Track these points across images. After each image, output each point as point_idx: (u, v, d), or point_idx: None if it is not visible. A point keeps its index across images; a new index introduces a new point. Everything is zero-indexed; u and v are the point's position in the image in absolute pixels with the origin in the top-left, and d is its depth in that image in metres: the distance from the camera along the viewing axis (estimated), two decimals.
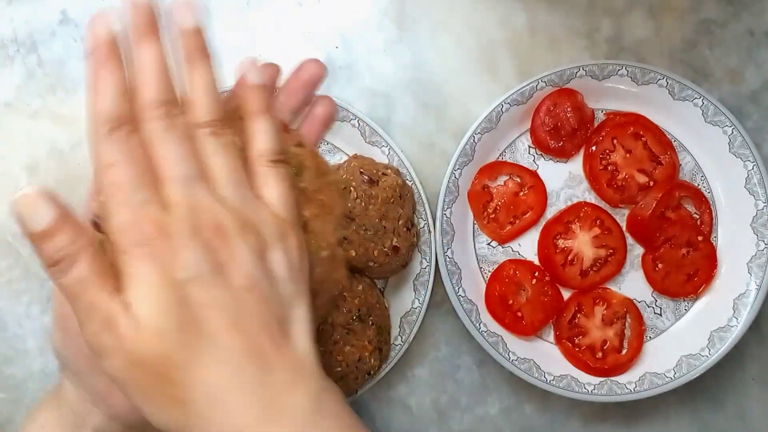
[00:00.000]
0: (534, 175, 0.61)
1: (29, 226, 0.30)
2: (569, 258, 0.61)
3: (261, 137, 0.34)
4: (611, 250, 0.61)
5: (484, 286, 0.61)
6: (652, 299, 0.61)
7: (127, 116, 0.31)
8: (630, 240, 0.62)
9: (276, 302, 0.32)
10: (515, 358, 0.59)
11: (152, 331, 0.29)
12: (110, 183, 0.30)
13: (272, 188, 0.33)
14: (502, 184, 0.62)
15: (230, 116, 0.36)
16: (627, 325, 0.61)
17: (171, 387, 0.30)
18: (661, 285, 0.61)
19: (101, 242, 0.31)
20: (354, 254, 0.56)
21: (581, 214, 0.61)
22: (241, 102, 0.35)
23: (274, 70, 0.39)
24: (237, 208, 0.32)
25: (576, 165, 0.62)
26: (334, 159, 0.61)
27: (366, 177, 0.56)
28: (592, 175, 0.61)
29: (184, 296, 0.30)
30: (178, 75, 0.33)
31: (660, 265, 0.61)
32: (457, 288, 0.59)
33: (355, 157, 0.59)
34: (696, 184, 0.61)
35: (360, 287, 0.57)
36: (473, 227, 0.62)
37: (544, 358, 0.60)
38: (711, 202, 0.61)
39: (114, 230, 0.30)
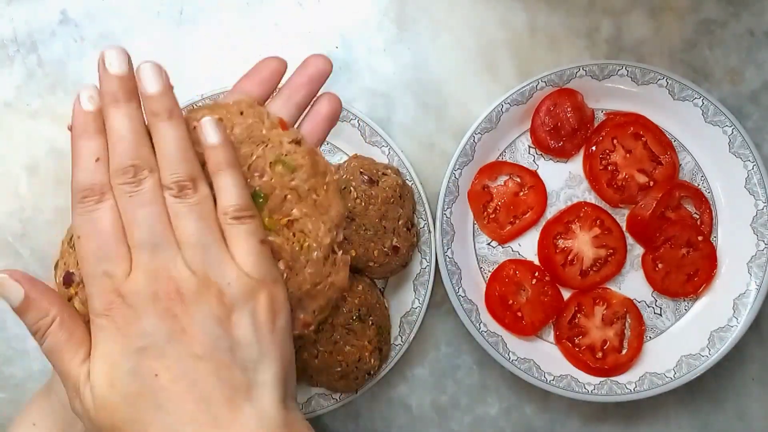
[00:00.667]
0: (534, 175, 0.61)
1: (9, 304, 0.33)
2: (569, 258, 0.61)
3: (224, 194, 0.33)
4: (611, 250, 0.61)
5: (484, 286, 0.61)
6: (652, 299, 0.61)
7: (99, 184, 0.32)
8: (630, 240, 0.62)
9: (236, 369, 0.31)
10: (515, 358, 0.59)
11: (104, 404, 0.31)
12: (79, 255, 0.32)
13: (240, 246, 0.33)
14: (502, 184, 0.62)
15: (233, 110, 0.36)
16: (627, 325, 0.61)
17: None
18: (661, 285, 0.61)
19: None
20: (354, 254, 0.56)
21: (581, 214, 0.61)
22: (205, 160, 0.35)
23: (279, 64, 0.39)
24: (200, 271, 0.32)
25: (576, 165, 0.62)
26: (334, 159, 0.61)
27: (366, 177, 0.56)
28: (592, 175, 0.61)
29: (136, 366, 0.31)
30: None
31: (660, 265, 0.61)
32: (457, 288, 0.59)
33: (355, 157, 0.59)
34: (696, 184, 0.61)
35: (360, 287, 0.57)
36: (473, 227, 0.62)
37: (544, 358, 0.60)
38: (711, 202, 0.61)
39: (87, 298, 0.32)
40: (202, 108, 0.37)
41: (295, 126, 0.39)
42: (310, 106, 0.40)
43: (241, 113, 0.36)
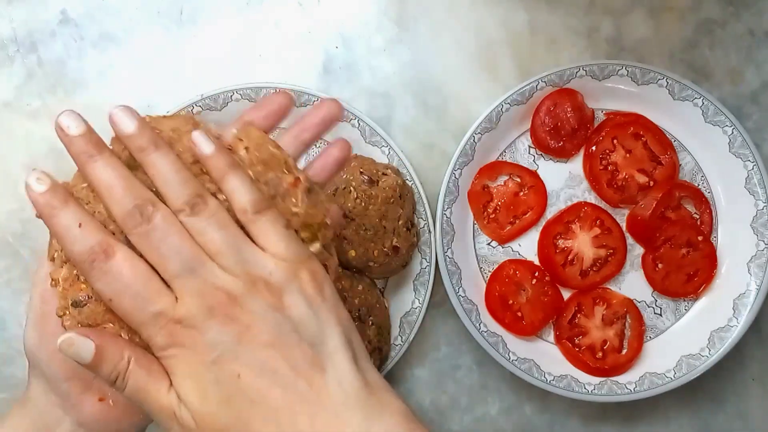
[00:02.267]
0: (534, 175, 0.61)
1: (80, 362, 0.34)
2: (569, 258, 0.61)
3: (236, 195, 0.35)
4: (611, 250, 0.61)
5: (484, 286, 0.61)
6: (652, 299, 0.61)
7: (98, 244, 0.33)
8: (630, 240, 0.62)
9: (305, 344, 0.33)
10: (515, 358, 0.59)
11: (205, 416, 0.32)
12: (119, 313, 0.33)
13: (268, 236, 0.35)
14: (502, 184, 0.62)
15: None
16: (627, 325, 0.61)
17: None
18: (661, 285, 0.61)
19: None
20: (354, 254, 0.56)
21: (581, 214, 0.61)
22: (208, 172, 0.36)
23: (288, 100, 0.41)
24: (242, 272, 0.33)
25: (576, 165, 0.62)
26: None
27: (366, 177, 0.56)
28: (592, 175, 0.61)
29: (218, 376, 0.32)
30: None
31: (660, 265, 0.61)
32: (457, 288, 0.59)
33: (355, 157, 0.59)
34: (696, 184, 0.61)
35: (360, 287, 0.57)
36: (473, 227, 0.62)
37: (544, 358, 0.60)
38: (711, 202, 0.61)
39: (148, 343, 0.34)
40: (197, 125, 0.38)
41: (303, 160, 0.41)
42: (324, 149, 0.42)
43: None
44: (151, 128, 0.35)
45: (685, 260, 0.61)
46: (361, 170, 0.57)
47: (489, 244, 0.62)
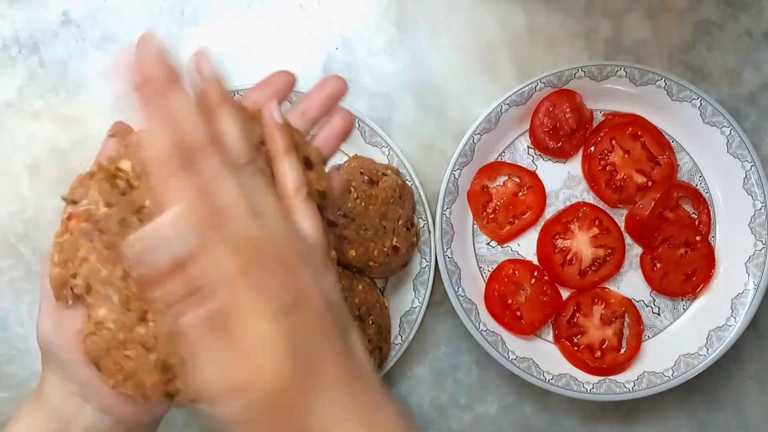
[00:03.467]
0: (533, 175, 0.62)
1: (174, 252, 0.30)
2: (568, 258, 0.61)
3: (292, 175, 0.36)
4: (610, 250, 0.61)
5: (483, 285, 0.61)
6: (651, 299, 0.62)
7: (208, 139, 0.32)
8: (628, 240, 0.62)
9: (341, 326, 0.34)
10: (514, 357, 0.59)
11: (278, 364, 0.30)
12: (208, 210, 0.30)
13: (308, 221, 0.35)
14: (502, 184, 0.62)
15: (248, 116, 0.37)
16: (625, 324, 0.61)
17: (291, 416, 0.31)
18: (660, 285, 0.61)
19: (91, 292, 0.34)
20: (354, 254, 0.56)
21: (580, 214, 0.61)
22: (267, 141, 0.37)
23: (290, 78, 0.41)
24: (290, 240, 0.33)
25: (575, 165, 0.62)
26: (334, 159, 0.61)
27: (366, 177, 0.56)
28: (590, 175, 0.61)
29: (290, 327, 0.31)
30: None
31: (658, 265, 0.61)
32: (456, 287, 0.59)
33: (355, 157, 0.59)
34: (694, 185, 0.62)
35: (360, 287, 0.58)
36: (473, 227, 0.62)
37: (543, 357, 0.60)
38: (709, 202, 0.62)
39: (208, 259, 0.30)
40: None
41: (309, 137, 0.41)
42: (325, 120, 0.42)
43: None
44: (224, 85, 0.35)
45: (683, 260, 0.61)
46: (361, 170, 0.57)
47: (488, 243, 0.62)
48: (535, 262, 0.62)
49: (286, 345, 0.30)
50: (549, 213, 0.62)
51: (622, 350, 0.61)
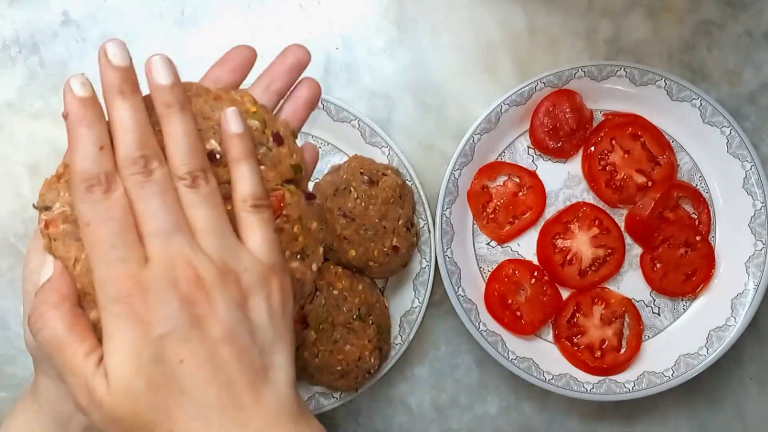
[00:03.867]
0: (533, 175, 0.62)
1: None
2: (568, 258, 0.61)
3: (244, 183, 0.34)
4: (610, 250, 0.61)
5: (483, 285, 0.61)
6: (651, 299, 0.62)
7: (106, 173, 0.32)
8: (628, 240, 0.62)
9: (255, 351, 0.32)
10: (514, 357, 0.59)
11: (125, 393, 0.30)
12: (88, 241, 0.32)
13: (255, 234, 0.34)
14: (502, 184, 0.62)
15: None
16: (625, 324, 0.61)
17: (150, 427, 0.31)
18: (660, 285, 0.61)
19: (86, 297, 0.33)
20: (354, 254, 0.56)
21: (580, 214, 0.61)
22: (224, 148, 0.35)
23: (250, 52, 0.39)
24: (218, 258, 0.32)
25: (575, 165, 0.62)
26: (334, 159, 0.61)
27: (366, 177, 0.56)
28: (590, 175, 0.61)
29: (159, 353, 0.30)
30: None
31: (658, 265, 0.61)
32: (456, 287, 0.59)
33: (355, 157, 0.59)
34: (694, 185, 0.62)
35: (360, 287, 0.58)
36: (473, 227, 0.62)
37: (543, 357, 0.60)
38: (709, 202, 0.62)
39: (95, 287, 0.31)
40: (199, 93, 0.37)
41: (275, 111, 0.40)
42: (290, 92, 0.40)
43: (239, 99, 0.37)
44: (183, 89, 0.34)
45: (683, 260, 0.61)
46: (361, 170, 0.57)
47: (488, 243, 0.62)
48: (535, 262, 0.62)
49: (140, 376, 0.30)
50: (549, 213, 0.62)
51: (622, 350, 0.61)
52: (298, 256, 0.37)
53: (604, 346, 0.61)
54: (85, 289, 0.34)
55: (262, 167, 0.36)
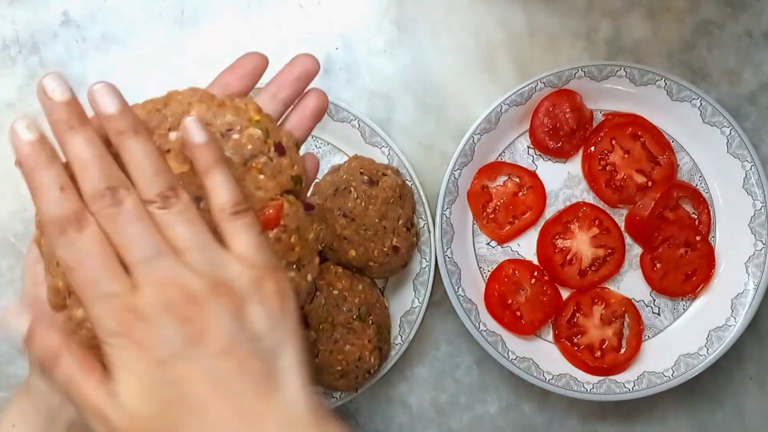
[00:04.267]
0: (533, 175, 0.62)
1: (10, 337, 0.33)
2: (568, 258, 0.61)
3: (217, 192, 0.34)
4: (610, 250, 0.61)
5: (483, 285, 0.61)
6: (651, 299, 0.62)
7: (74, 212, 0.31)
8: (628, 240, 0.62)
9: (260, 358, 0.32)
10: (514, 357, 0.59)
11: (140, 418, 0.31)
12: (75, 284, 0.32)
13: (241, 239, 0.33)
14: (502, 184, 0.62)
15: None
16: (625, 324, 0.61)
17: None
18: (660, 285, 0.61)
19: (71, 296, 0.33)
20: (354, 254, 0.56)
21: (580, 214, 0.61)
22: (191, 159, 0.34)
23: (261, 59, 0.39)
24: (206, 272, 0.32)
25: (575, 165, 0.62)
26: (334, 159, 0.61)
27: (366, 177, 0.57)
28: (590, 175, 0.61)
29: (164, 376, 0.31)
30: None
31: (658, 265, 0.61)
32: (456, 287, 0.59)
33: (355, 157, 0.59)
34: (694, 185, 0.62)
35: (360, 287, 0.58)
36: (473, 227, 0.62)
37: (543, 357, 0.60)
38: (709, 202, 0.62)
39: (93, 323, 0.32)
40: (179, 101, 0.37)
41: (281, 120, 0.39)
42: (297, 101, 0.40)
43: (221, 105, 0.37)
44: (133, 112, 0.33)
45: (683, 260, 0.61)
46: (361, 170, 0.57)
47: (488, 243, 0.62)
48: (535, 262, 0.62)
49: (147, 402, 0.31)
50: (549, 213, 0.62)
51: (622, 350, 0.61)
52: (294, 266, 0.37)
53: (604, 346, 0.61)
54: (70, 288, 0.34)
55: (262, 176, 0.36)
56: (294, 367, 0.33)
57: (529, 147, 0.62)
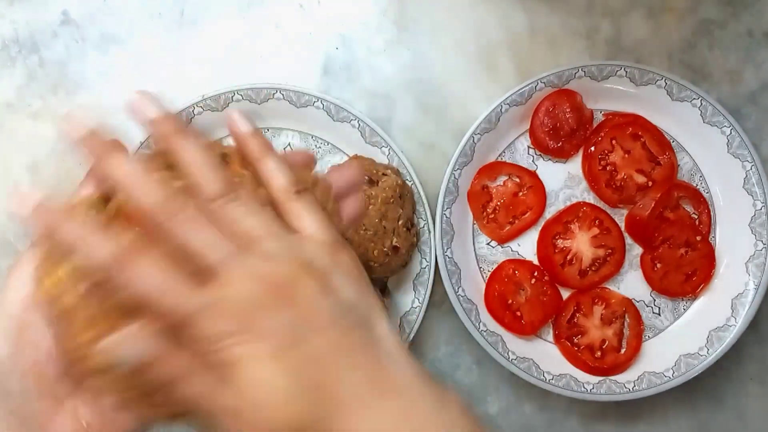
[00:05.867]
0: (533, 175, 0.62)
1: (135, 360, 0.31)
2: (568, 258, 0.61)
3: (276, 176, 0.34)
4: (610, 250, 0.61)
5: (483, 285, 0.61)
6: (651, 299, 0.62)
7: (113, 251, 0.30)
8: (629, 240, 0.62)
9: (360, 327, 0.32)
10: (514, 358, 0.59)
11: (285, 404, 0.30)
12: (165, 312, 0.31)
13: (306, 218, 0.34)
14: (502, 184, 0.62)
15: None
16: (626, 324, 0.61)
17: None
18: (660, 285, 0.61)
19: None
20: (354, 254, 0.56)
21: (580, 214, 0.61)
22: (243, 153, 0.35)
23: (308, 157, 0.39)
24: (287, 257, 0.32)
25: (575, 165, 0.62)
26: (334, 159, 0.61)
27: (366, 177, 0.56)
28: (590, 175, 0.61)
29: (290, 365, 0.30)
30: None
31: (658, 265, 0.61)
32: (456, 287, 0.59)
33: (355, 157, 0.59)
34: (694, 185, 0.62)
35: None
36: (473, 227, 0.62)
37: (544, 357, 0.60)
38: (709, 202, 0.62)
39: (198, 339, 0.30)
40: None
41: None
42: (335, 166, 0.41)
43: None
44: (175, 115, 0.34)
45: (683, 260, 0.61)
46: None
47: (488, 243, 0.62)
48: (535, 262, 0.62)
49: (290, 384, 0.30)
50: (549, 213, 0.62)
51: (623, 350, 0.61)
52: None
53: (604, 347, 0.61)
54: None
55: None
56: (390, 334, 0.33)
57: (529, 147, 0.62)
